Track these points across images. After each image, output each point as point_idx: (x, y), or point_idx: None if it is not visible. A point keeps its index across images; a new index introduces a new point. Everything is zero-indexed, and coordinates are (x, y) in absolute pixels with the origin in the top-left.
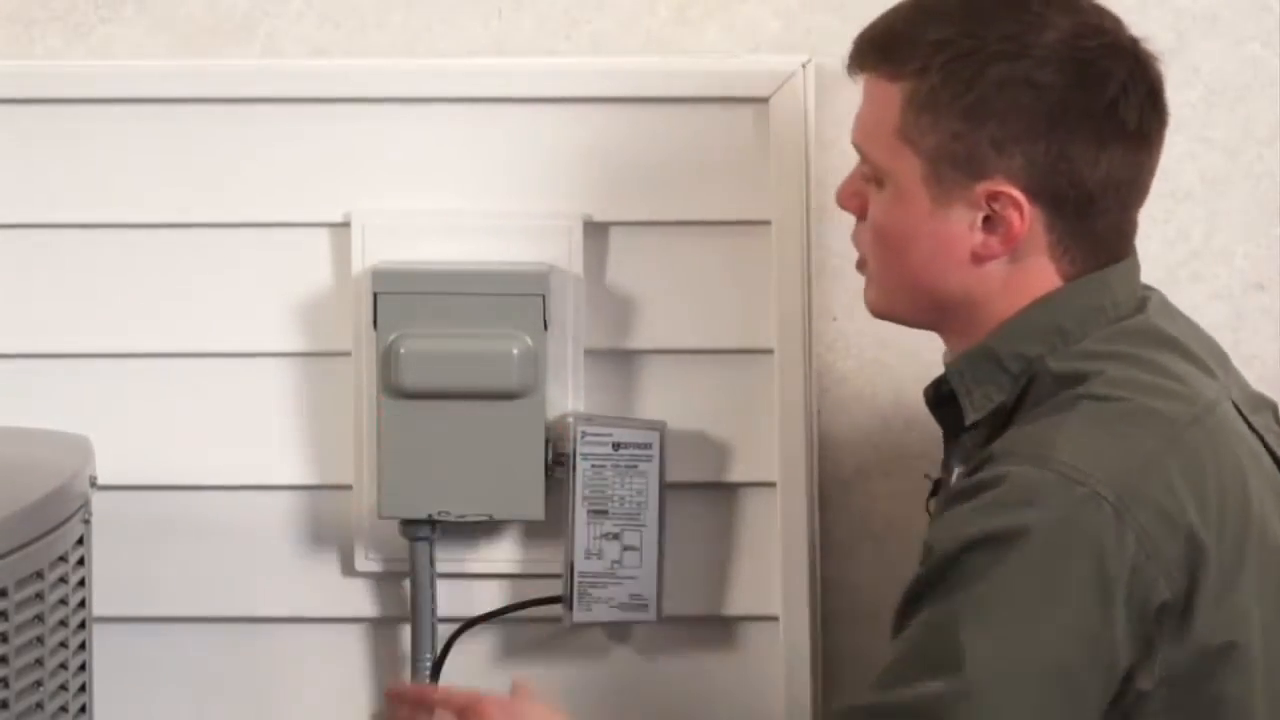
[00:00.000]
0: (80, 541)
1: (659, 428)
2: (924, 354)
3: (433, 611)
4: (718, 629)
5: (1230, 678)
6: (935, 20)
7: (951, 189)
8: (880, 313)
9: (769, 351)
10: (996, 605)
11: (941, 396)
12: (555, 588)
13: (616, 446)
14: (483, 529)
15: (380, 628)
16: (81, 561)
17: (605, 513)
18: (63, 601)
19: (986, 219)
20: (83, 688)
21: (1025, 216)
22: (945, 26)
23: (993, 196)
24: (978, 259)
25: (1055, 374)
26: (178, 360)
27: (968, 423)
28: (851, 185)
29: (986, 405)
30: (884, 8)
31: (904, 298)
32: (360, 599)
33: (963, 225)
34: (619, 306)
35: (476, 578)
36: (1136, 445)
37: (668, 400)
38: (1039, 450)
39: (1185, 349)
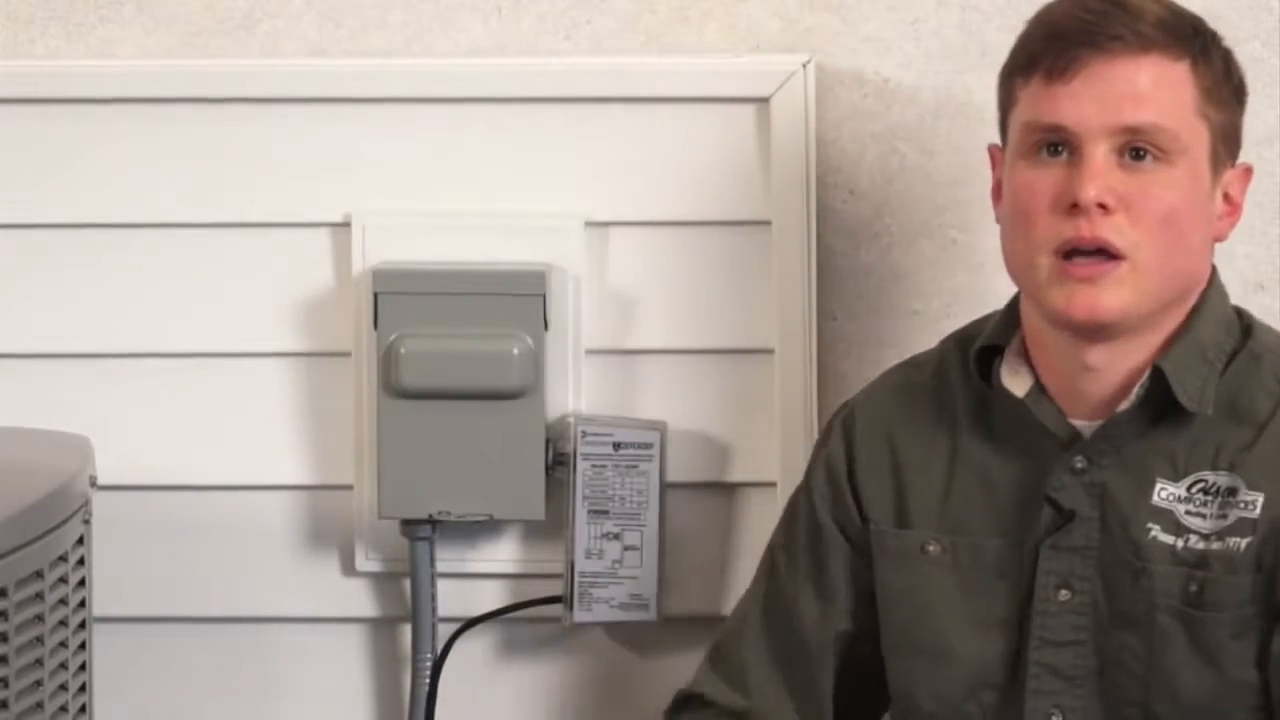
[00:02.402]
0: (80, 541)
1: (659, 428)
2: None
3: (433, 611)
4: (718, 629)
5: None
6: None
7: (1219, 169)
8: (1123, 314)
9: (769, 351)
10: None
11: (1140, 401)
12: (555, 588)
13: (617, 446)
14: (483, 529)
15: (380, 628)
16: (81, 561)
17: (606, 513)
18: (63, 601)
19: (1224, 198)
20: (83, 688)
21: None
22: (1187, 11)
23: (1237, 176)
24: (1217, 241)
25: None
26: (178, 360)
27: (1196, 412)
28: (1106, 178)
29: (1208, 397)
30: (884, 7)
31: (1166, 291)
32: (360, 599)
33: (1216, 206)
34: (619, 306)
35: (476, 578)
36: None
37: (668, 400)
38: None
39: None
